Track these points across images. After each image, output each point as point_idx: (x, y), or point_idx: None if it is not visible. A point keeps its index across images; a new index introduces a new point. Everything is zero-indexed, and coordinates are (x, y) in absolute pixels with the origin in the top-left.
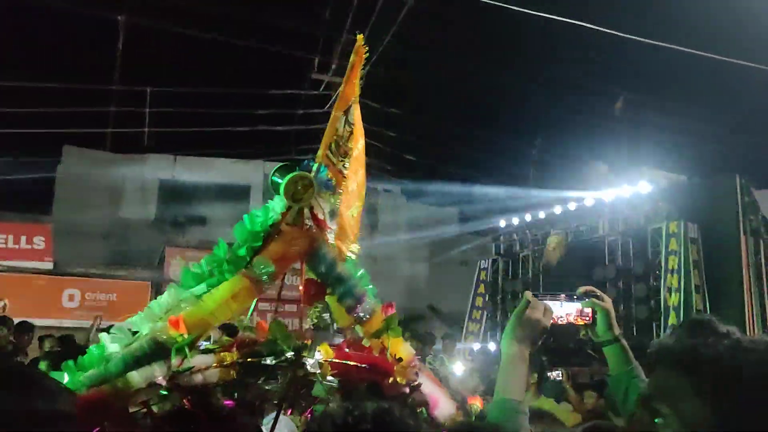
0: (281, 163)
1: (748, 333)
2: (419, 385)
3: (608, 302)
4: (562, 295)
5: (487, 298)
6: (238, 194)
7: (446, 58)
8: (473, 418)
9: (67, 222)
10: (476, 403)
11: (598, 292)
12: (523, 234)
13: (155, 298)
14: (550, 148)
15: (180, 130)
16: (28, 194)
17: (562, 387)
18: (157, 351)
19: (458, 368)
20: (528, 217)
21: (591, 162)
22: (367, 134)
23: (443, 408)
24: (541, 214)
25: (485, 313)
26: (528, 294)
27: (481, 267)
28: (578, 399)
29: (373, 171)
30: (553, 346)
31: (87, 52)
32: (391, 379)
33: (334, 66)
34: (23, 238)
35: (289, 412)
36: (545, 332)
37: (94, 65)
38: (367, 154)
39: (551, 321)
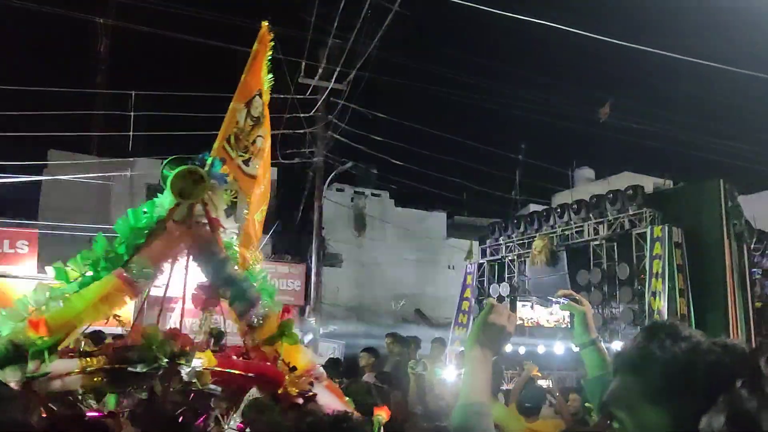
0: (174, 156)
1: (731, 336)
2: (314, 395)
3: (586, 305)
4: (534, 298)
5: (473, 303)
6: None
7: (434, 64)
8: (376, 429)
9: (53, 227)
10: (381, 414)
11: (577, 296)
12: (509, 238)
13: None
14: (536, 154)
15: (168, 133)
16: (12, 199)
17: (543, 393)
18: (14, 354)
19: (450, 373)
20: (514, 222)
21: (576, 168)
22: (356, 138)
23: None
24: (527, 219)
25: (471, 317)
26: (491, 300)
27: (468, 271)
28: (564, 403)
29: (360, 175)
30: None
31: (73, 56)
32: (281, 389)
33: (320, 70)
34: (6, 243)
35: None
36: (509, 338)
37: (80, 69)
38: (354, 158)
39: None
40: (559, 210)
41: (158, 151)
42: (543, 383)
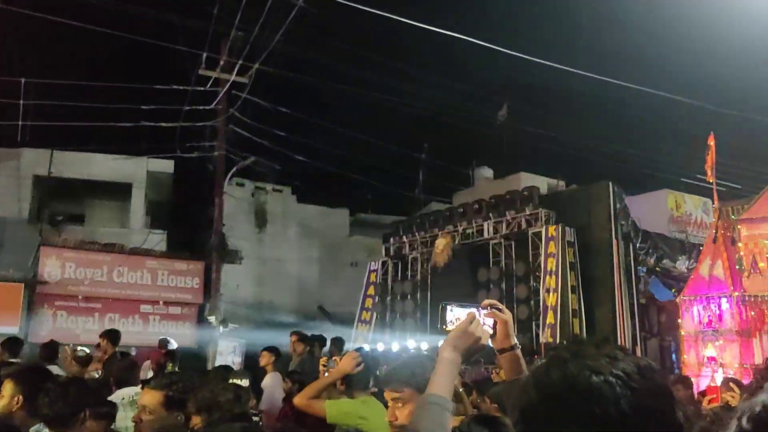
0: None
1: (618, 330)
2: None
3: (508, 314)
4: (454, 303)
5: (376, 300)
6: (119, 192)
7: (339, 61)
8: None
9: None
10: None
11: (500, 306)
12: (412, 236)
13: (29, 301)
14: (438, 153)
15: (58, 123)
16: None
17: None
18: None
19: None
20: (417, 220)
21: (476, 167)
22: (258, 133)
23: None
24: (430, 217)
25: (375, 314)
26: (473, 312)
27: (371, 269)
28: (466, 397)
29: (262, 170)
30: None
31: None
32: None
33: (222, 62)
34: None
35: None
36: (481, 350)
37: None
38: (255, 152)
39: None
40: (461, 209)
41: (48, 143)
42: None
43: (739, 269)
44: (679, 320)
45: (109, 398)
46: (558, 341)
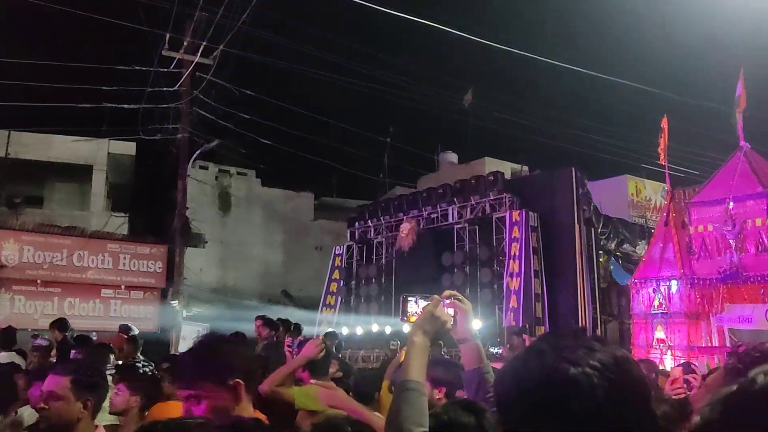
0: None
1: (579, 313)
2: None
3: (468, 305)
4: (417, 296)
5: (341, 284)
6: (79, 174)
7: (303, 43)
8: None
9: None
10: None
11: (461, 297)
12: (377, 221)
13: None
14: (404, 138)
15: (16, 104)
16: None
17: None
18: None
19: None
20: (382, 205)
21: (441, 152)
22: (222, 116)
23: None
24: (395, 202)
25: (339, 298)
26: (436, 297)
27: (336, 253)
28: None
29: (226, 153)
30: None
31: None
32: None
33: (186, 43)
34: None
35: None
36: (446, 334)
37: None
38: (219, 135)
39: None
40: (425, 194)
41: (5, 123)
42: None
43: (689, 252)
44: (630, 303)
45: None
46: (521, 325)
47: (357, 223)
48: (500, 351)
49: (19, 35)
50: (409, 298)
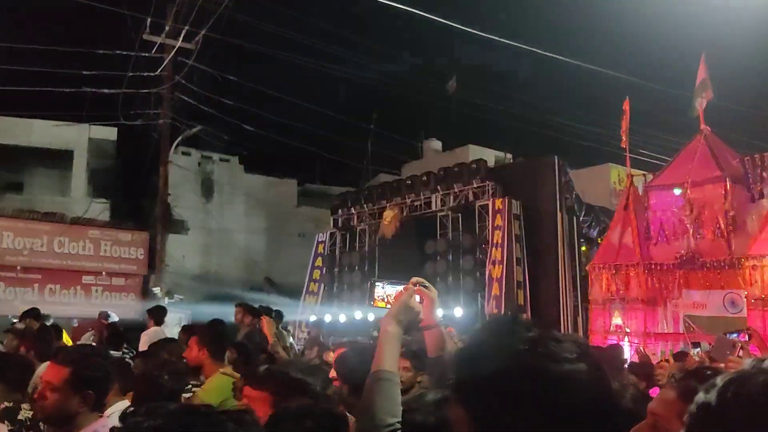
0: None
1: (561, 301)
2: None
3: (434, 292)
4: (384, 281)
5: (324, 271)
6: (59, 159)
7: (288, 29)
8: None
9: None
10: None
11: (427, 283)
12: (360, 208)
13: None
14: (387, 125)
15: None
16: None
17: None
18: None
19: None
20: (365, 192)
21: (425, 139)
22: (204, 101)
23: None
24: (378, 189)
25: (322, 285)
26: (411, 287)
27: (319, 240)
28: None
29: (208, 139)
30: None
31: None
32: None
33: (167, 28)
34: None
35: None
36: (418, 324)
37: None
38: (202, 121)
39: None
40: (409, 181)
41: None
42: None
43: (647, 237)
44: (589, 288)
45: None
46: (503, 312)
47: (340, 210)
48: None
49: None
50: (377, 283)
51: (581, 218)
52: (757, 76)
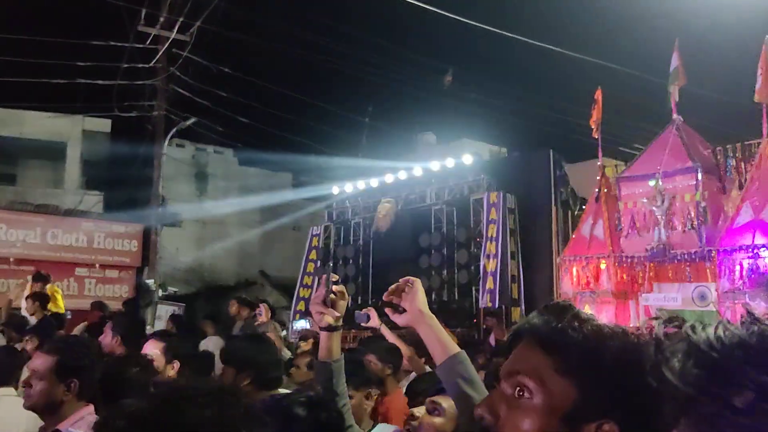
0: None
1: (555, 295)
2: None
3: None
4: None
5: (318, 264)
6: (53, 151)
7: (283, 21)
8: None
9: None
10: None
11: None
12: (354, 201)
13: None
14: (382, 119)
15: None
16: None
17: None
18: None
19: None
20: (360, 185)
21: (420, 133)
22: (199, 93)
23: None
24: (373, 182)
25: (316, 279)
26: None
27: (313, 233)
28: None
29: (203, 132)
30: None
31: None
32: None
33: (162, 19)
34: None
35: None
36: None
37: None
38: (196, 113)
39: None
40: (403, 175)
41: None
42: None
43: (618, 229)
44: (558, 281)
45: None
46: (497, 306)
47: (334, 204)
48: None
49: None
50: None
51: (576, 212)
52: (731, 64)
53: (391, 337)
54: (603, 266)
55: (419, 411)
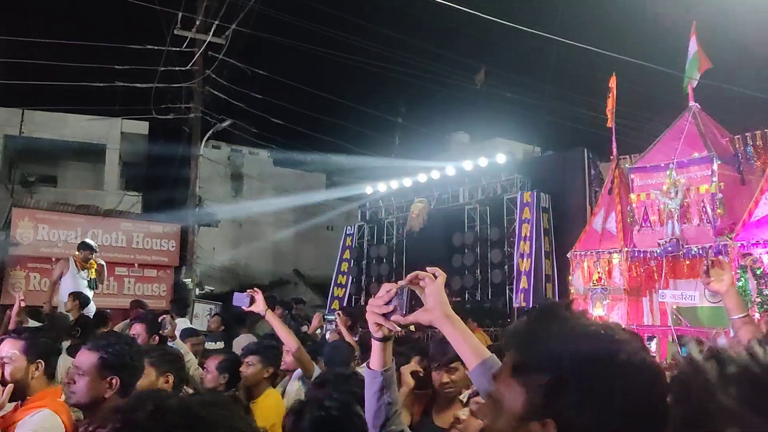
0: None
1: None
2: None
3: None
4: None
5: (352, 264)
6: (92, 153)
7: (315, 22)
8: None
9: None
10: None
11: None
12: (387, 201)
13: (1, 262)
14: (415, 118)
15: (30, 83)
16: None
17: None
18: None
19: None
20: (393, 185)
21: (453, 132)
22: (234, 95)
23: None
24: (406, 182)
25: (350, 278)
26: (440, 275)
27: (347, 233)
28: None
29: (238, 133)
30: None
31: None
32: None
33: (198, 22)
34: None
35: None
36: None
37: None
38: (232, 115)
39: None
40: (436, 174)
41: (19, 102)
42: None
43: (630, 222)
44: (570, 277)
45: None
46: (531, 306)
47: (368, 203)
48: None
49: (32, 13)
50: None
51: None
52: (751, 51)
53: (278, 325)
54: (615, 261)
55: (464, 413)
